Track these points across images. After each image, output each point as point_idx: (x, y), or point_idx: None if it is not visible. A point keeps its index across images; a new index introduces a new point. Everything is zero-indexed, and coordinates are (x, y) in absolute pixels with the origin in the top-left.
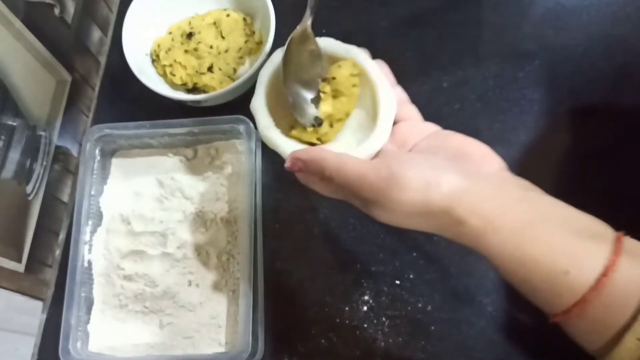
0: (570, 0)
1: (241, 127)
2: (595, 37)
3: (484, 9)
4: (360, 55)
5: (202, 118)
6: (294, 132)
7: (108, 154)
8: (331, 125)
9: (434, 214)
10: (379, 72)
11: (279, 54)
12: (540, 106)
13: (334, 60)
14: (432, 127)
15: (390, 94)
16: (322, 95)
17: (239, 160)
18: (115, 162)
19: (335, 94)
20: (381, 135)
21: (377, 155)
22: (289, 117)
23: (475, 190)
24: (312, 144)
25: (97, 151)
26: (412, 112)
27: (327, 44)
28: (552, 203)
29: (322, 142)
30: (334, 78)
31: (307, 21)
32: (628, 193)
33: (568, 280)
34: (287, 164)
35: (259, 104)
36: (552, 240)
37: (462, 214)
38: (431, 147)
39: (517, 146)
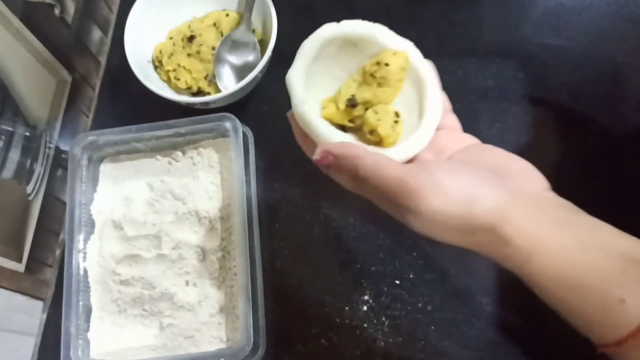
0: (570, 0)
1: (227, 124)
2: (595, 37)
3: (484, 9)
4: (414, 51)
5: (188, 118)
6: (325, 112)
7: (96, 161)
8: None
9: (475, 230)
10: (431, 73)
11: (329, 27)
12: (540, 106)
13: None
14: (471, 139)
15: (438, 98)
16: (369, 78)
17: (227, 157)
18: (104, 169)
19: (381, 83)
20: (422, 139)
21: (412, 160)
22: (322, 96)
23: (520, 209)
24: (343, 127)
25: (84, 159)
26: (454, 122)
27: (381, 31)
28: (600, 226)
29: (355, 127)
30: (387, 64)
31: None
32: (627, 192)
33: (624, 309)
34: (315, 157)
35: (296, 75)
36: (605, 266)
37: (507, 234)
38: (469, 159)
39: (517, 146)
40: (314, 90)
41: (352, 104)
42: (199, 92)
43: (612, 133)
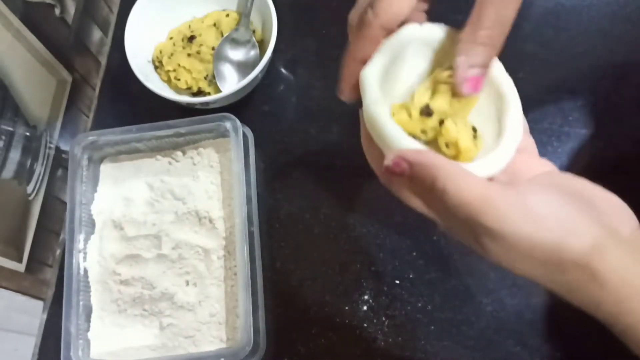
0: (570, 0)
1: (227, 124)
2: (595, 37)
3: None
4: (496, 64)
5: (188, 118)
6: (395, 118)
7: (96, 161)
8: (440, 123)
9: (565, 265)
10: (514, 91)
11: (411, 28)
12: (540, 106)
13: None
14: (548, 165)
15: (521, 117)
16: (441, 86)
17: (227, 157)
18: (104, 169)
19: (455, 92)
20: (502, 159)
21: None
22: (392, 100)
23: (617, 250)
24: (414, 136)
25: (84, 159)
26: (530, 145)
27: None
28: None
29: (427, 138)
30: None
31: None
32: (628, 192)
33: None
34: (387, 162)
35: (372, 72)
36: None
37: (602, 274)
38: (551, 186)
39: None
40: (384, 92)
41: (427, 112)
42: (199, 92)
43: (612, 133)
